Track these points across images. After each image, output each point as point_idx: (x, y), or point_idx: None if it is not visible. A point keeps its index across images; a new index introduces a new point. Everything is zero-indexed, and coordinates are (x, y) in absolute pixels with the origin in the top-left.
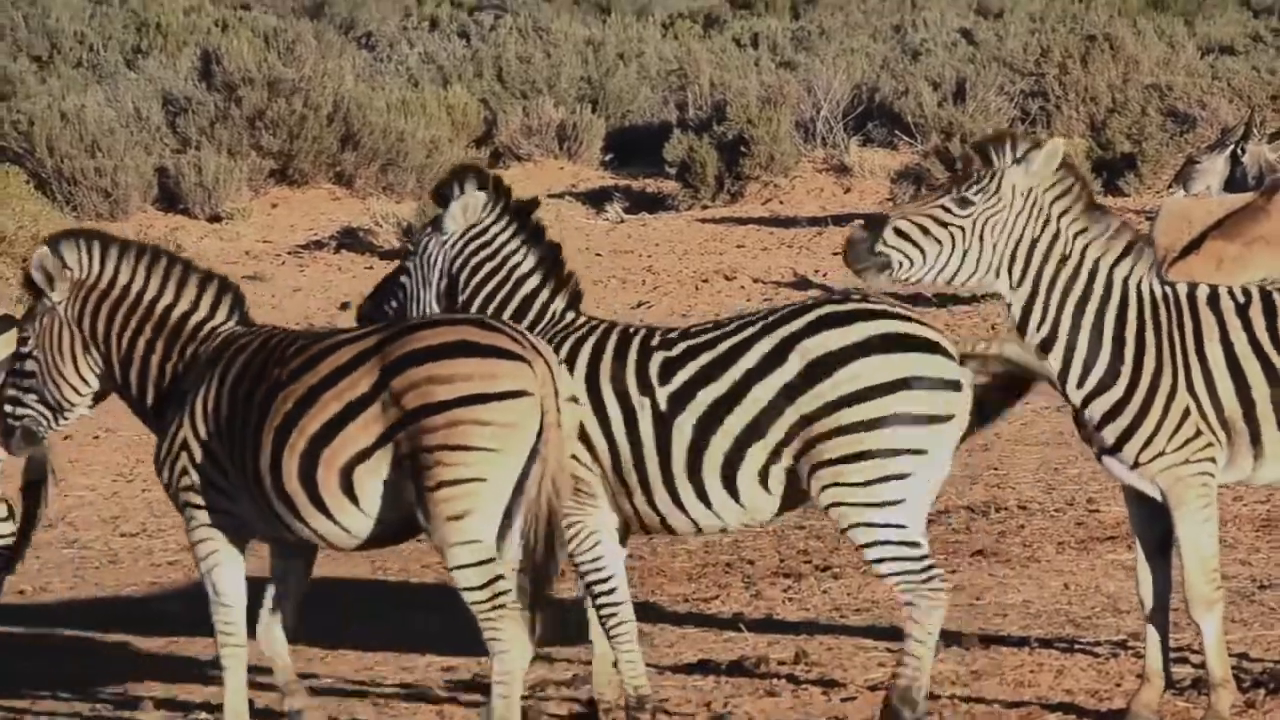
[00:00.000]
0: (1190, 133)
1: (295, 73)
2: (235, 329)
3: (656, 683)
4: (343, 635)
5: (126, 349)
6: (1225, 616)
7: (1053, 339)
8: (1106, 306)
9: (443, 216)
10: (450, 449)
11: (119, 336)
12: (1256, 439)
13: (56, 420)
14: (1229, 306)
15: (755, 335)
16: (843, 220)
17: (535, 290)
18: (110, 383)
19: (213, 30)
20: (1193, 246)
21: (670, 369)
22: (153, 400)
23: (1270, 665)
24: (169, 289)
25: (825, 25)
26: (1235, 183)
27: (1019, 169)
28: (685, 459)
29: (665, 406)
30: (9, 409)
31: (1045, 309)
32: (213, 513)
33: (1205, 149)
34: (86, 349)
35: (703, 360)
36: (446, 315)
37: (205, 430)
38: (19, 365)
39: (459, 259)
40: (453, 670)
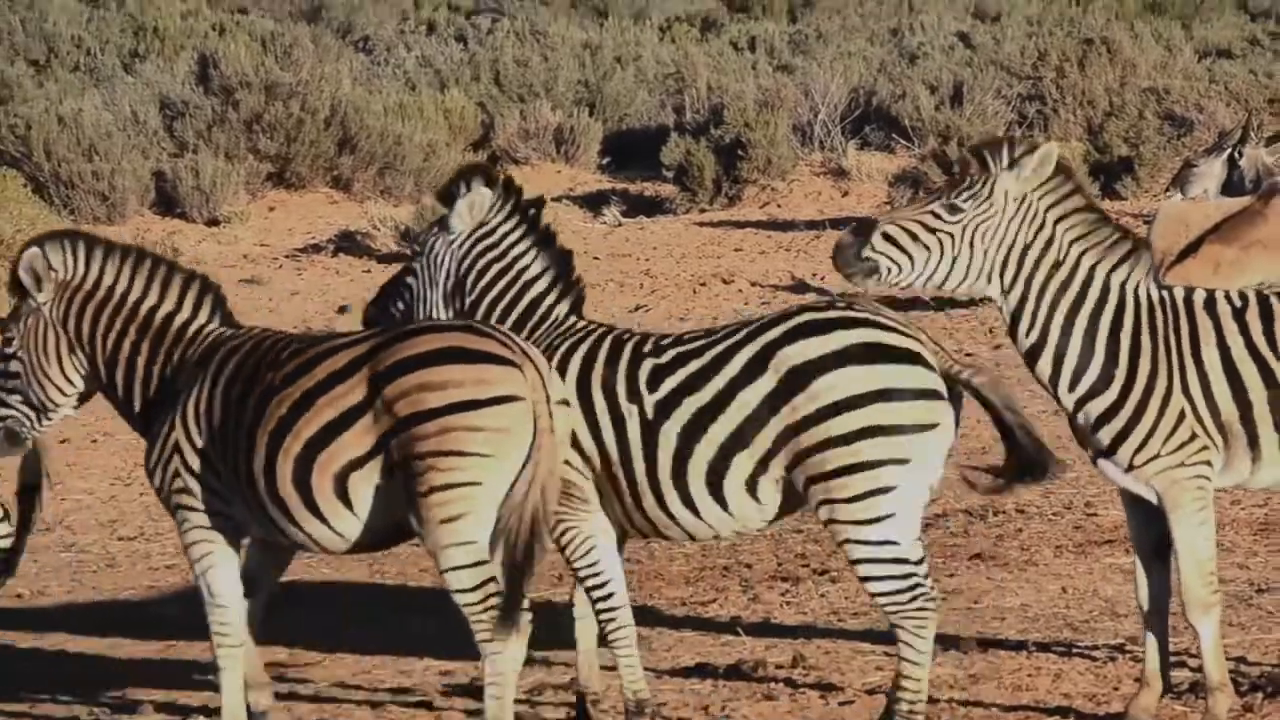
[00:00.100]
0: (1187, 136)
1: (292, 76)
2: (223, 330)
3: (654, 686)
4: (340, 639)
5: (112, 350)
6: (1223, 620)
7: (1042, 344)
8: (1101, 311)
9: (449, 216)
10: (443, 455)
11: (104, 337)
12: (1254, 442)
13: (40, 421)
14: (1226, 311)
15: (739, 343)
16: (840, 223)
17: (542, 294)
18: (95, 383)
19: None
20: (1190, 250)
21: (659, 376)
22: (139, 401)
23: (1268, 669)
24: (153, 290)
25: (822, 29)
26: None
27: (1011, 175)
28: (671, 467)
29: (652, 414)
30: None
31: (1035, 314)
32: (206, 514)
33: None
34: (71, 350)
35: (691, 368)
36: (438, 321)
37: (198, 433)
38: (3, 366)
39: (466, 260)
40: (450, 674)
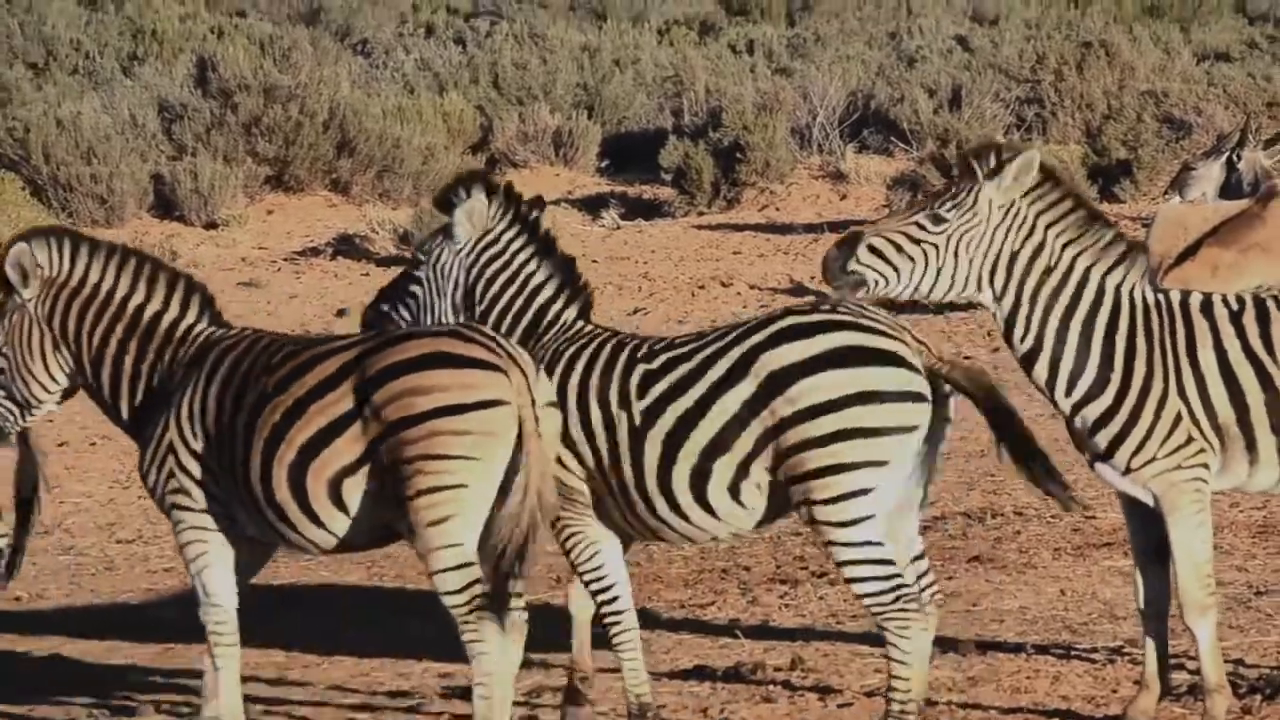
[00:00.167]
0: (1186, 139)
1: (291, 79)
2: (213, 330)
3: (652, 689)
4: (339, 641)
5: (98, 348)
6: (1221, 623)
7: (1037, 349)
8: (1096, 315)
9: (452, 225)
10: (430, 459)
11: (90, 335)
12: (1251, 445)
13: (23, 417)
14: (1223, 313)
15: (724, 348)
16: (839, 226)
17: (550, 300)
18: (80, 380)
19: (208, 37)
20: (1188, 253)
21: (648, 382)
22: (126, 400)
23: (1266, 671)
24: (140, 288)
25: (821, 32)
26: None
27: (992, 183)
28: (657, 472)
29: (639, 420)
30: None
31: (1029, 320)
32: (201, 514)
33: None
34: (56, 347)
35: (677, 373)
36: (426, 327)
37: (191, 434)
38: None
39: (474, 269)
40: (449, 677)
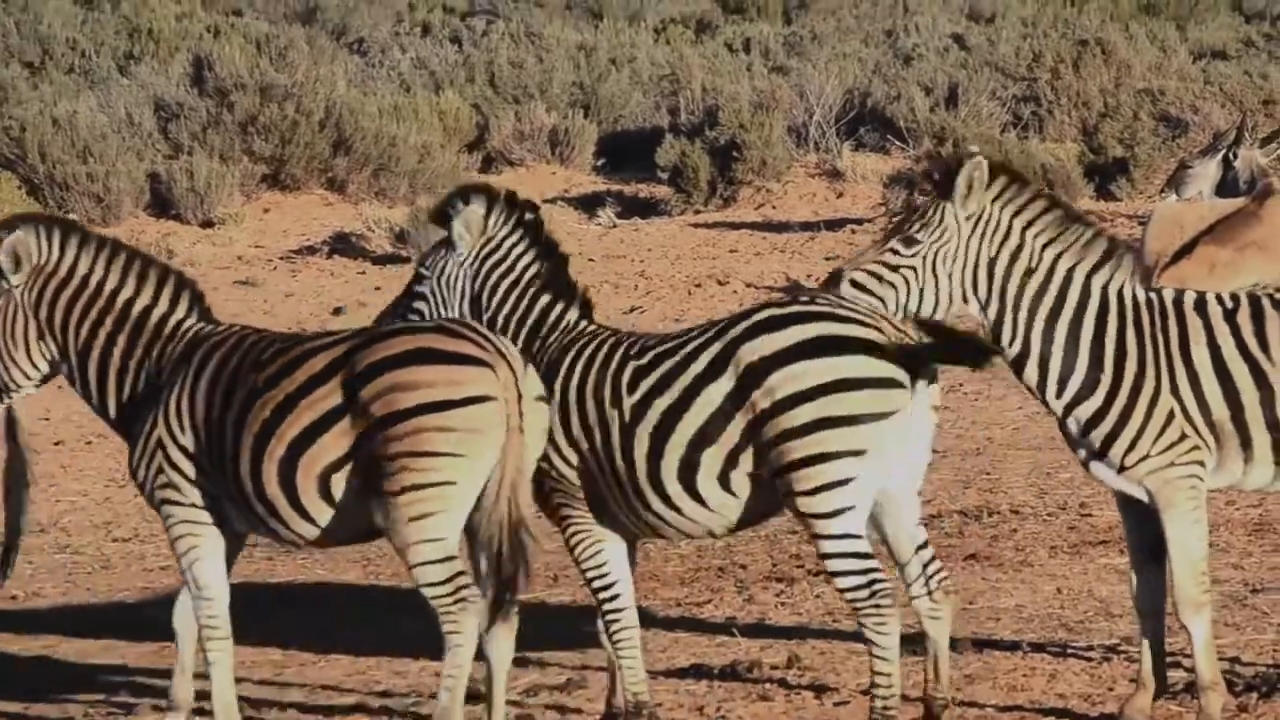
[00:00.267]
0: (1182, 137)
1: (287, 78)
2: (202, 326)
3: (649, 687)
4: (335, 639)
5: (85, 341)
6: (1218, 620)
7: (1025, 353)
8: (1083, 315)
9: (452, 237)
10: (416, 455)
11: (77, 327)
12: (1247, 443)
13: (0, 399)
14: (1216, 311)
15: (706, 342)
16: (835, 225)
17: (551, 302)
18: (64, 371)
19: (205, 36)
20: (1185, 251)
21: (638, 378)
22: (114, 395)
23: (1262, 669)
24: (129, 282)
25: (817, 30)
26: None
27: (952, 198)
28: (646, 467)
29: (629, 416)
30: None
31: (1015, 324)
32: (191, 508)
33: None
34: (41, 337)
35: (665, 367)
36: (415, 323)
37: (180, 429)
38: None
39: (478, 277)
40: None
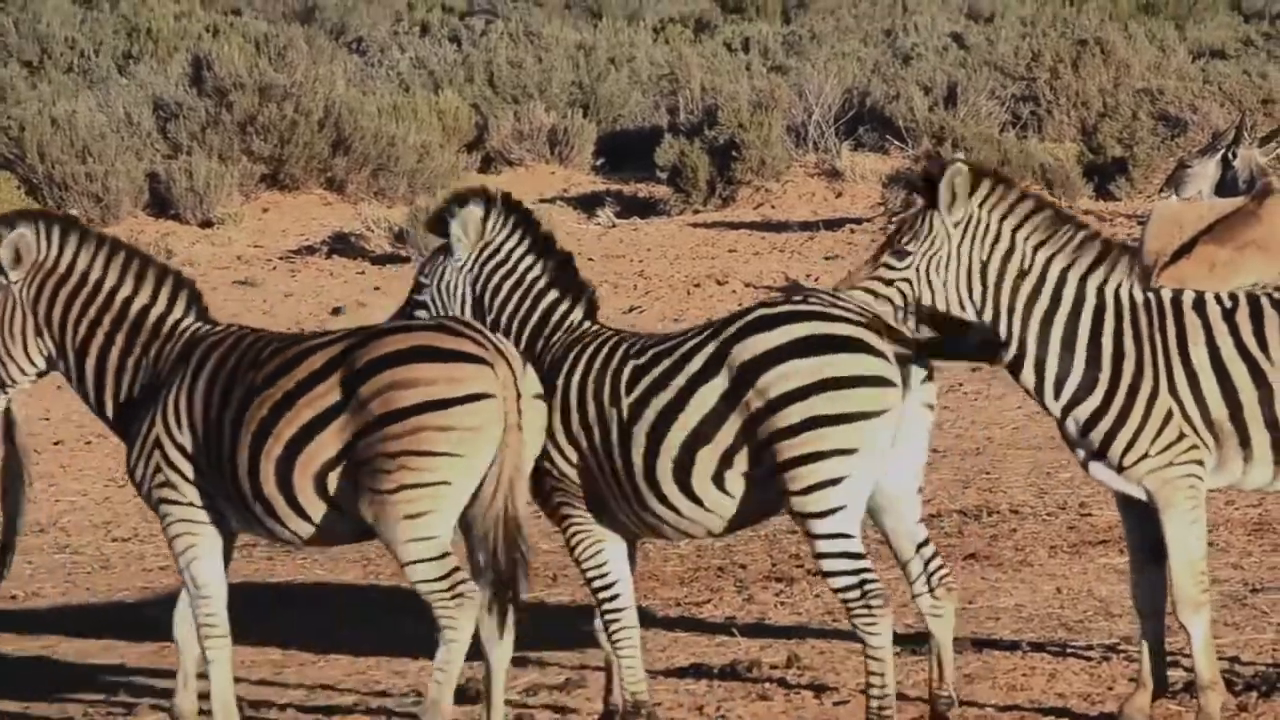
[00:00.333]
0: (1181, 137)
1: (286, 78)
2: (200, 325)
3: (649, 687)
4: (335, 639)
5: (83, 339)
6: (1217, 620)
7: (1022, 355)
8: (1078, 316)
9: (450, 243)
10: (414, 454)
11: (75, 325)
12: (1246, 442)
13: None
14: (1215, 311)
15: (701, 343)
16: (834, 224)
17: (555, 302)
18: (60, 368)
19: (204, 36)
20: (1184, 251)
21: (636, 376)
22: (111, 393)
23: (1262, 669)
24: (128, 280)
25: (816, 30)
26: (1226, 187)
27: (938, 207)
28: (642, 466)
29: (626, 415)
30: None
31: (1010, 327)
32: (189, 507)
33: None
34: (39, 333)
35: (661, 367)
36: (413, 321)
37: (178, 428)
38: None
39: (479, 281)
40: None
